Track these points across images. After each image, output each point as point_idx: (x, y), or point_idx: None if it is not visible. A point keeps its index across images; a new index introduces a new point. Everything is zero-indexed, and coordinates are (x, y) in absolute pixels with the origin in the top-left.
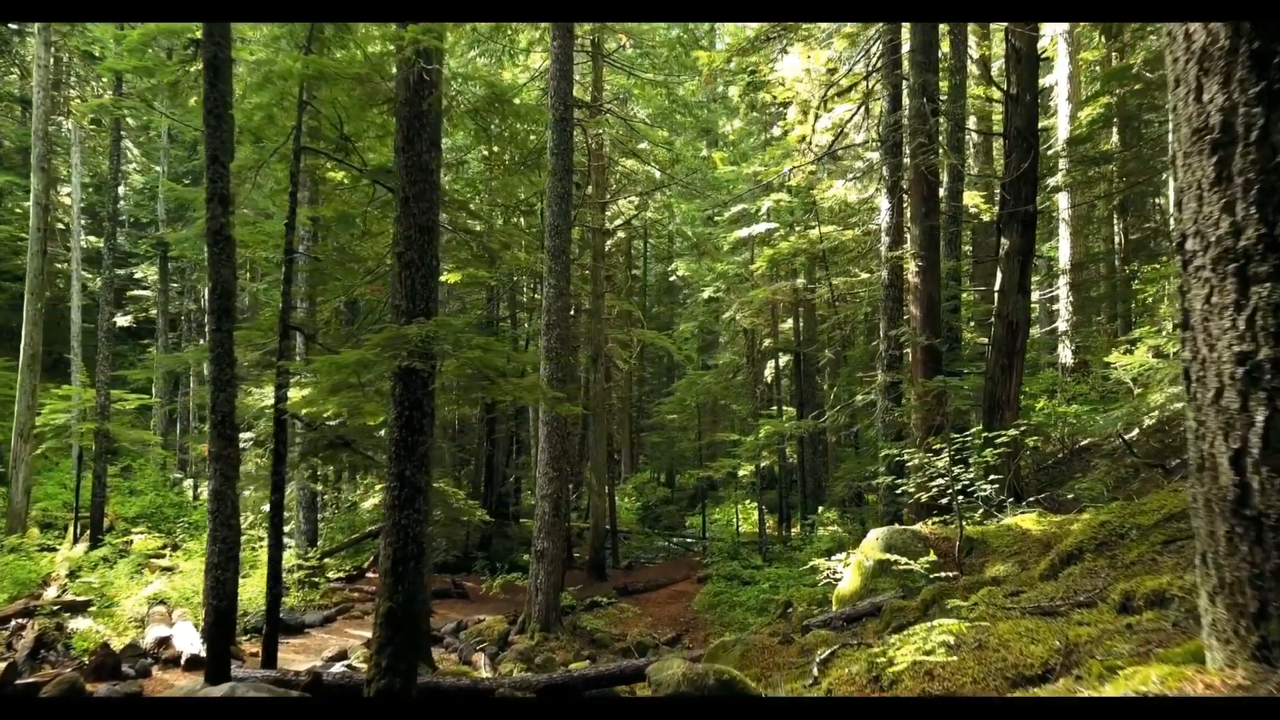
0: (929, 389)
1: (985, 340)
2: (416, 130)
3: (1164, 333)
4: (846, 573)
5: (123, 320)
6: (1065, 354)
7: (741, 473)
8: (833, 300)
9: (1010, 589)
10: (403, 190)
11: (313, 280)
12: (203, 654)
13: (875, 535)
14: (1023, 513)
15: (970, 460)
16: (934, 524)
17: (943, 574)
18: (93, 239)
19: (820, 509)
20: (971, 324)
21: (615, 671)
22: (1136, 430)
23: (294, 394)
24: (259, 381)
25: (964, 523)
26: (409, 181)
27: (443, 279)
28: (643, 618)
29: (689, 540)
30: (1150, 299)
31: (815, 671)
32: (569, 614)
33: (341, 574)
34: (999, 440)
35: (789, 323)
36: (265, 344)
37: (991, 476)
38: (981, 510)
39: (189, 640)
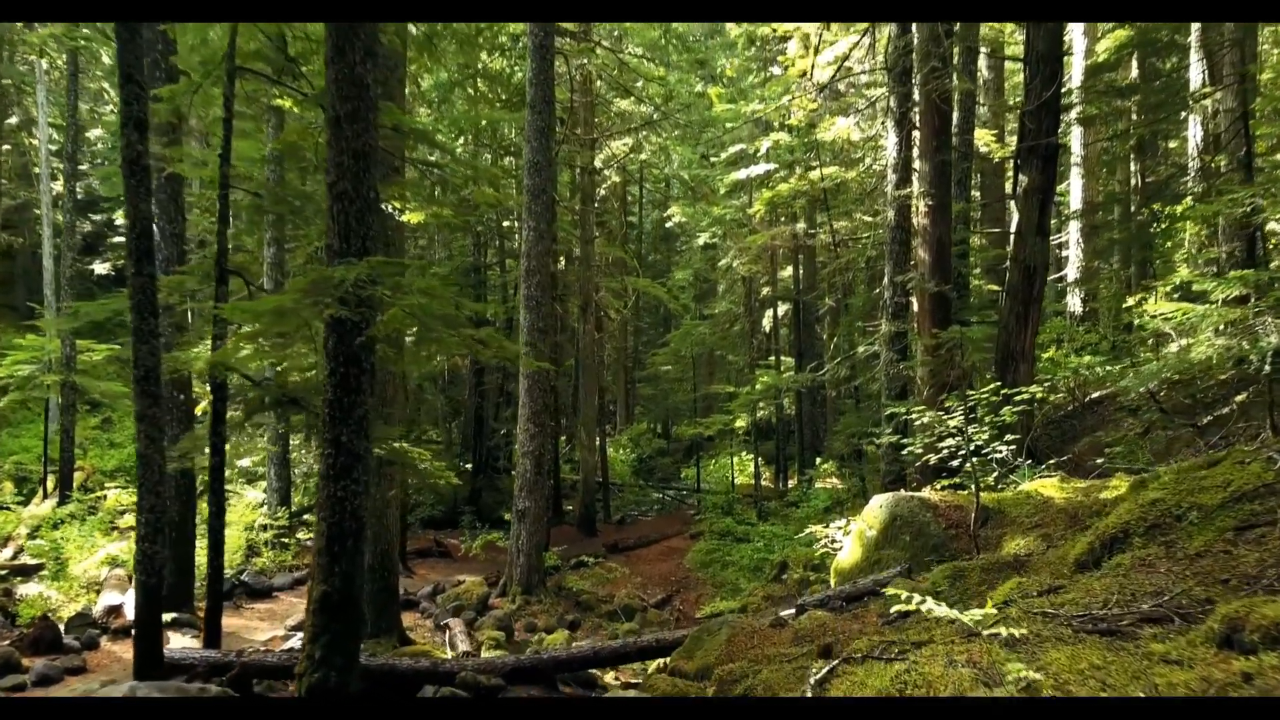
0: (942, 340)
1: (995, 287)
2: (348, 38)
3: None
4: (846, 542)
5: (101, 267)
6: (1074, 302)
7: (738, 424)
8: (834, 245)
9: (1045, 581)
10: (333, 108)
11: (280, 224)
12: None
13: (879, 502)
14: (1041, 477)
15: (985, 419)
16: (942, 489)
17: (955, 547)
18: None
19: (818, 460)
20: (979, 270)
21: (589, 654)
22: (1155, 382)
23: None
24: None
25: (979, 489)
26: (340, 98)
27: (404, 218)
28: (631, 578)
29: (684, 493)
30: (1172, 244)
31: (809, 691)
32: (554, 574)
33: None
34: (1019, 398)
35: (788, 270)
36: (199, 290)
37: (1008, 437)
38: (995, 474)
39: None
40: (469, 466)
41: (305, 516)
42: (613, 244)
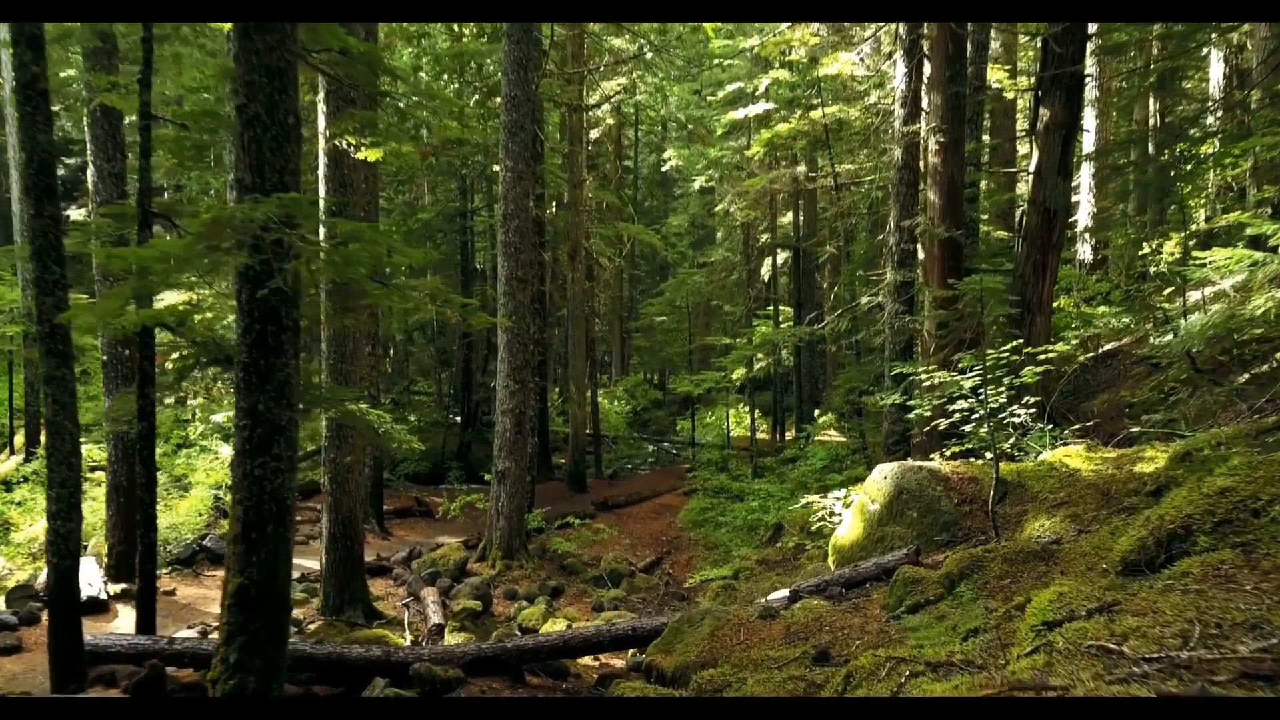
0: (959, 291)
1: (1005, 234)
2: None
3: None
4: (846, 516)
5: (76, 213)
6: (1084, 250)
7: (736, 374)
8: (836, 188)
9: (1091, 593)
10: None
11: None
12: (103, 596)
13: (883, 473)
14: (1064, 443)
15: (1004, 380)
16: (952, 457)
17: (968, 525)
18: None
19: (816, 413)
20: (988, 216)
21: (558, 643)
22: (1200, 343)
23: (173, 297)
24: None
25: (998, 460)
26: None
27: (359, 155)
28: (620, 539)
29: (679, 445)
30: (1195, 188)
31: None
32: (538, 535)
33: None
34: (1042, 356)
35: (788, 217)
36: (121, 233)
37: (1026, 399)
38: (1012, 440)
39: (89, 579)
40: (458, 419)
41: None
42: (606, 188)
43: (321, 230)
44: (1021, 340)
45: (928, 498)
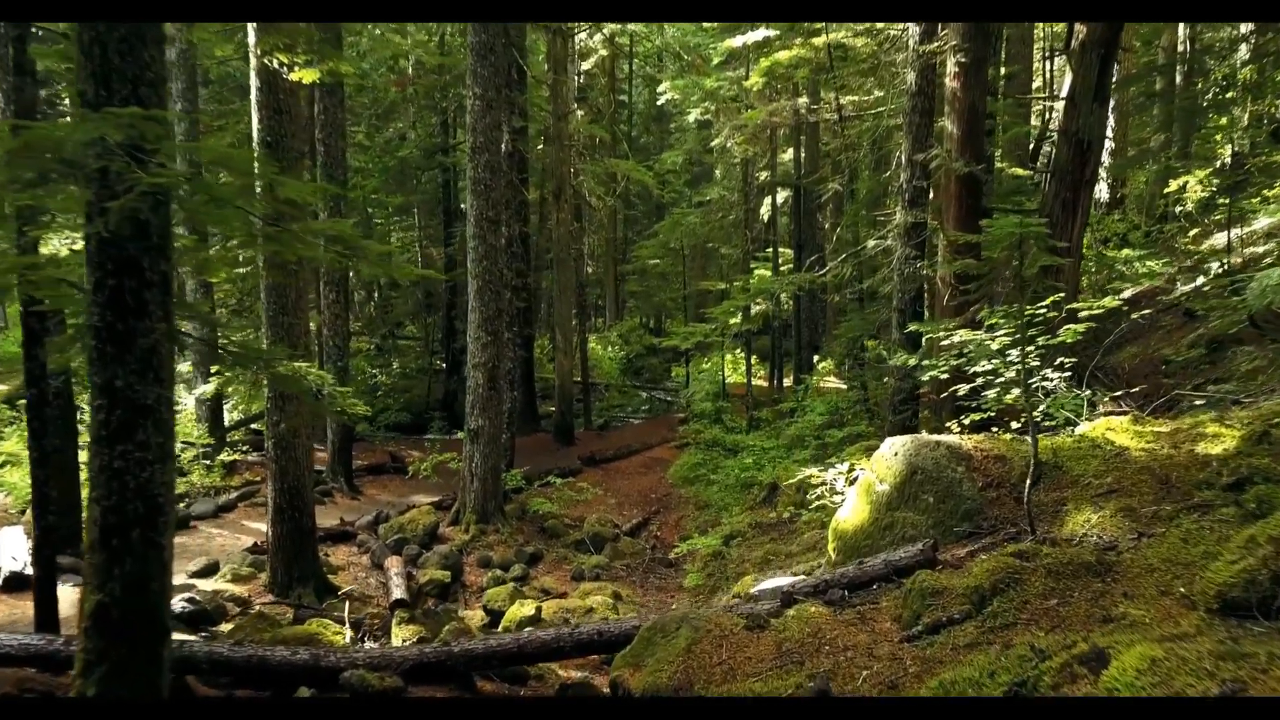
0: (992, 233)
1: (1020, 171)
2: None
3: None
4: (850, 496)
5: None
6: (1100, 188)
7: (731, 321)
8: (840, 119)
9: (1202, 664)
10: None
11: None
12: (29, 571)
13: (893, 448)
14: (1103, 414)
15: (1039, 339)
16: (974, 429)
17: (994, 514)
18: None
19: (816, 359)
20: (1000, 152)
21: (511, 648)
22: (1243, 293)
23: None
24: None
25: (1036, 435)
26: None
27: (293, 76)
28: (606, 498)
29: (674, 392)
30: (1229, 120)
31: None
32: (517, 495)
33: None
34: (1086, 312)
35: (789, 153)
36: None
37: (1060, 361)
38: (1042, 408)
39: (14, 552)
40: (443, 366)
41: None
42: (599, 123)
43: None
44: (1063, 294)
45: (946, 480)
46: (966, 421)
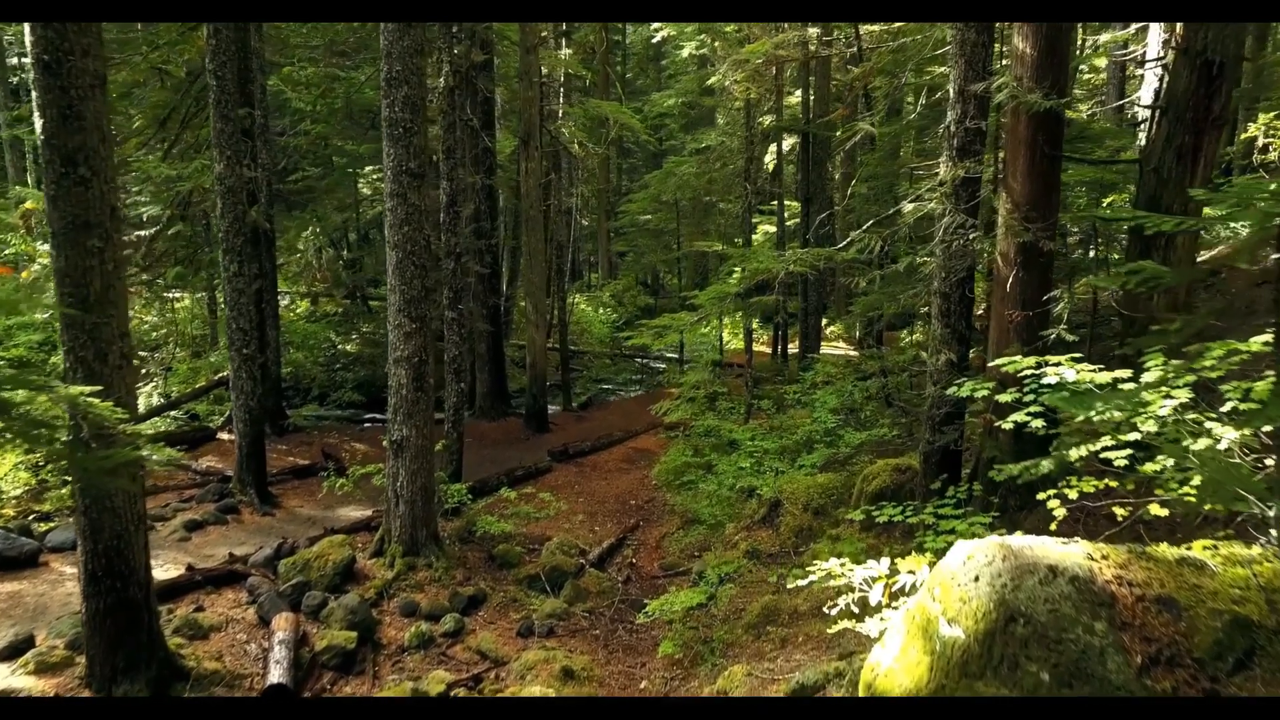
0: (1232, 208)
1: (1094, 109)
2: None
3: None
4: (896, 630)
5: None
6: (1141, 138)
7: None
8: (860, 52)
9: None
10: None
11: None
12: None
13: (970, 565)
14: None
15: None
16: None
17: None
18: None
19: (824, 322)
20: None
21: None
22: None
23: None
24: None
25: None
26: None
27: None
28: (575, 509)
29: (669, 360)
30: None
31: None
32: (460, 513)
33: (178, 440)
34: None
35: (796, 96)
36: None
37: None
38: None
39: None
40: None
41: (154, 418)
42: (591, 67)
43: None
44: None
45: (1072, 646)
46: (1062, 497)
